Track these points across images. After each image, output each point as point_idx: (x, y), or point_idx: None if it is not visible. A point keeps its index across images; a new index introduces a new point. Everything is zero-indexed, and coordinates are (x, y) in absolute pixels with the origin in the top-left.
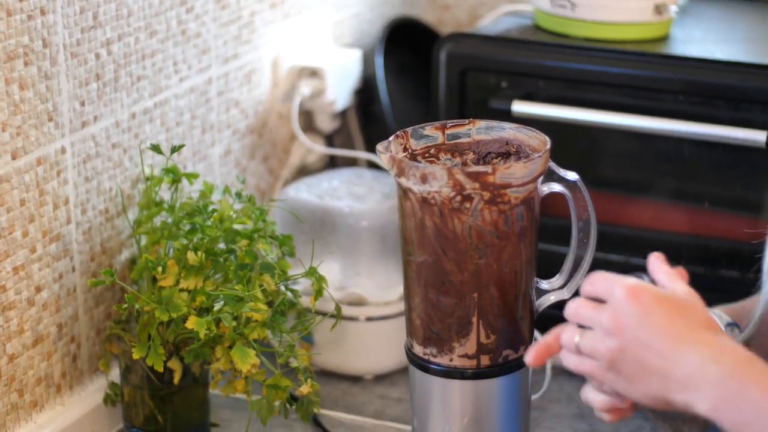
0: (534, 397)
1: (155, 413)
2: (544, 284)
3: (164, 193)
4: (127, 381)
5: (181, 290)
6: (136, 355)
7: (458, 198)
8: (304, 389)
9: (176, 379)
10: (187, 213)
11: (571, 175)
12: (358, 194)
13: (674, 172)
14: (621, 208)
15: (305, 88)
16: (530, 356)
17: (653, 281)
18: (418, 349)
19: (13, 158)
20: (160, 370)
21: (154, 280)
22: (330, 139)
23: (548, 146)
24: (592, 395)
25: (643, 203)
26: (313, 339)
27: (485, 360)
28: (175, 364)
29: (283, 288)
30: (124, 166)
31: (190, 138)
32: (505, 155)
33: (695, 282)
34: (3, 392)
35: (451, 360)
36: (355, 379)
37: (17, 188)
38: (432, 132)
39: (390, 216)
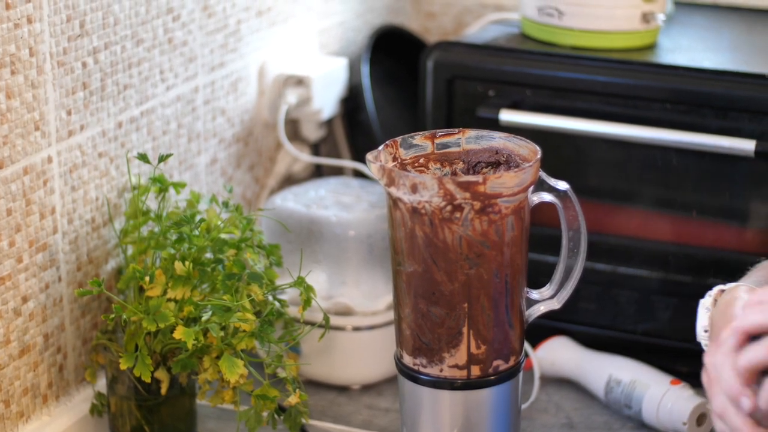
0: (522, 407)
1: (142, 424)
2: (535, 294)
3: (151, 202)
4: (114, 391)
5: (169, 300)
6: (123, 366)
7: (449, 208)
8: (292, 399)
9: (163, 390)
10: (174, 222)
11: (562, 185)
12: (345, 203)
13: (662, 181)
14: (608, 217)
15: (291, 97)
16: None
17: None
18: (408, 360)
19: (0, 168)
20: (148, 380)
21: (141, 290)
22: (316, 148)
23: (539, 156)
24: None
25: (630, 212)
26: (299, 349)
27: (475, 370)
28: (162, 375)
29: (270, 298)
30: (110, 175)
31: (177, 147)
32: (495, 165)
33: (683, 291)
34: None
35: (441, 370)
36: (342, 389)
37: (3, 198)
38: (421, 141)
39: (377, 225)
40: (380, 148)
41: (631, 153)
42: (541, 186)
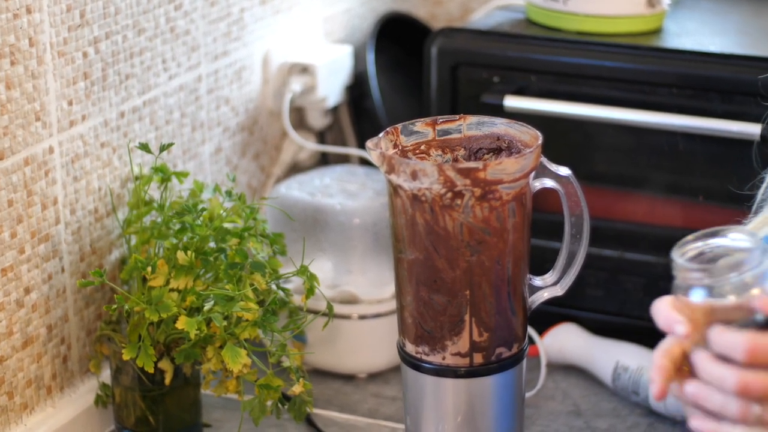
0: (528, 394)
1: (147, 414)
2: (537, 281)
3: (154, 192)
4: (118, 382)
5: (171, 290)
6: (126, 356)
7: (449, 195)
8: (297, 389)
9: (167, 380)
10: (177, 212)
11: (563, 171)
12: (350, 191)
13: (668, 165)
14: (615, 203)
15: (296, 85)
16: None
17: None
18: (411, 348)
19: (0, 159)
20: (151, 371)
21: (144, 280)
22: (321, 136)
23: (540, 141)
24: None
25: (636, 197)
26: (305, 338)
27: (478, 358)
28: (165, 365)
29: (274, 287)
30: (113, 165)
31: (180, 136)
32: (497, 151)
33: None
34: None
35: (443, 358)
36: (348, 378)
37: (5, 189)
38: (422, 128)
39: (382, 213)
40: (380, 135)
41: (637, 138)
42: (542, 172)
